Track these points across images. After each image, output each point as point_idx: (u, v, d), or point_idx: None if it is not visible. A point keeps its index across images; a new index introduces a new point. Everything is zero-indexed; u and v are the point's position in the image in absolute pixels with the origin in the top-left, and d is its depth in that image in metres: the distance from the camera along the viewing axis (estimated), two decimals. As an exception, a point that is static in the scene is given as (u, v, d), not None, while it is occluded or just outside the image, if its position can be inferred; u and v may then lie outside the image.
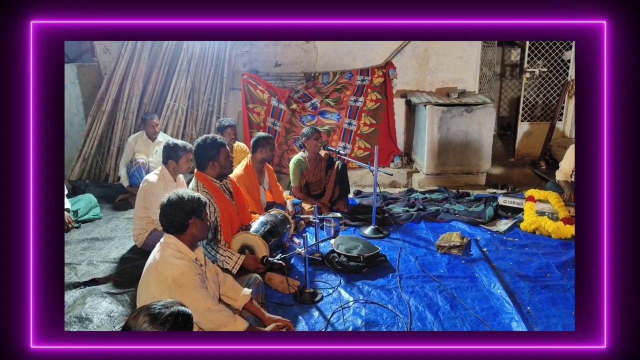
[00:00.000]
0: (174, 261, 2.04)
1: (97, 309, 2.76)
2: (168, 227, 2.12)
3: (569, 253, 3.49)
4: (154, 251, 2.16)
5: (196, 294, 2.03)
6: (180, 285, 2.00)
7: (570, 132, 5.97)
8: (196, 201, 2.15)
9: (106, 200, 4.74)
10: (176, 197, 2.12)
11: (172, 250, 2.09)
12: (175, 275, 2.00)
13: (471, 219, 4.13)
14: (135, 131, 5.15)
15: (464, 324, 2.66)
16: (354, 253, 3.29)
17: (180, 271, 2.01)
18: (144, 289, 2.06)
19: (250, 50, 5.69)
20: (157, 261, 2.06)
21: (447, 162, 5.22)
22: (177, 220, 2.10)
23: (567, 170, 4.32)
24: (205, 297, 2.06)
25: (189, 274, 2.03)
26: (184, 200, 2.12)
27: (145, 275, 2.09)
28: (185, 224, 2.11)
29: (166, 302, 1.58)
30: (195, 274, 2.06)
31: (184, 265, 2.04)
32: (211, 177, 3.01)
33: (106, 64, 5.54)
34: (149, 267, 2.10)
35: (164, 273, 2.01)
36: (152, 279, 2.03)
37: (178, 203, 2.10)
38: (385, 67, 5.61)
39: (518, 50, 6.83)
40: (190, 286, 2.02)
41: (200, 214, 2.15)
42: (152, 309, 1.53)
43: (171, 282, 1.99)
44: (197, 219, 2.14)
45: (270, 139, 3.85)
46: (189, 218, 2.12)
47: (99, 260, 3.38)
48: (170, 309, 1.54)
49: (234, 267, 2.81)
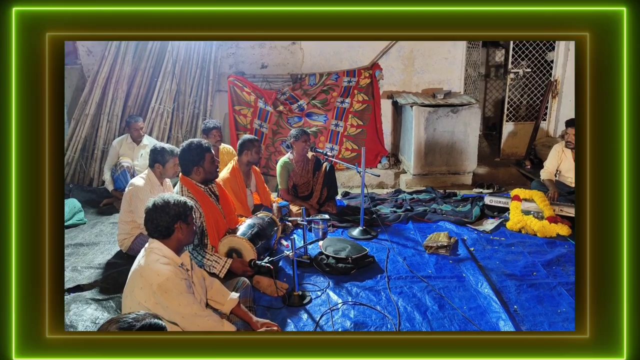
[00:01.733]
0: (159, 267, 2.01)
1: (81, 316, 2.71)
2: (153, 231, 2.09)
3: (554, 251, 3.54)
4: (138, 256, 2.13)
5: (182, 300, 2.01)
6: (166, 291, 1.97)
7: (555, 131, 6.06)
8: (182, 205, 2.13)
9: (90, 205, 4.67)
10: (162, 201, 2.10)
11: (157, 255, 2.06)
12: (161, 282, 1.97)
13: (458, 219, 4.16)
14: (119, 134, 5.09)
15: (452, 323, 2.67)
16: (342, 255, 3.28)
17: (165, 277, 1.98)
18: (129, 295, 2.03)
19: (236, 52, 5.66)
20: (142, 267, 2.03)
21: (434, 163, 5.26)
22: (163, 224, 2.07)
23: (552, 169, 4.38)
24: (191, 302, 2.04)
25: (174, 279, 2.00)
26: (170, 204, 2.09)
27: (130, 281, 2.06)
28: (171, 229, 2.09)
29: (137, 315, 1.51)
30: (181, 279, 2.04)
31: (170, 270, 2.02)
32: (196, 181, 2.98)
33: (89, 66, 5.46)
34: (134, 272, 2.06)
35: (149, 279, 1.98)
36: (137, 285, 2.00)
37: (164, 207, 2.08)
38: (371, 68, 5.62)
39: (502, 51, 6.91)
40: (176, 292, 2.00)
41: (186, 219, 2.13)
42: (123, 322, 1.46)
43: (156, 288, 1.96)
44: (184, 224, 2.12)
45: (256, 142, 3.83)
46: (175, 222, 2.09)
47: (83, 266, 3.33)
48: (142, 322, 1.47)
49: (221, 271, 2.79)
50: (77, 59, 5.59)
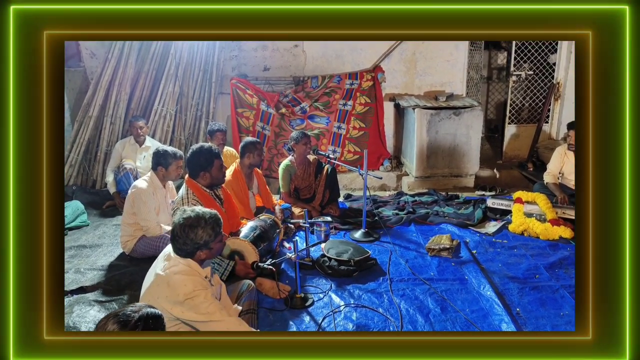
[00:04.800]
0: (184, 278, 2.01)
1: (84, 317, 2.72)
2: (177, 250, 2.08)
3: (557, 254, 3.53)
4: (159, 260, 2.12)
5: (210, 307, 2.02)
6: (193, 300, 1.98)
7: (557, 134, 6.05)
8: (208, 234, 2.07)
9: (93, 207, 4.69)
10: (190, 223, 2.04)
11: (182, 265, 2.05)
12: (188, 291, 1.98)
13: (460, 221, 4.15)
14: (122, 136, 5.11)
15: (455, 326, 2.67)
16: (345, 257, 3.28)
17: (192, 287, 1.99)
18: (153, 301, 2.01)
19: (239, 55, 5.67)
20: (168, 276, 2.02)
21: (436, 165, 5.25)
22: (187, 249, 2.05)
23: (555, 172, 4.37)
24: (218, 309, 2.05)
25: (200, 290, 2.01)
26: (197, 233, 2.04)
27: (155, 288, 2.03)
28: (194, 253, 2.08)
29: (134, 306, 1.55)
30: (206, 288, 2.05)
31: (195, 281, 2.02)
32: (202, 185, 2.98)
33: (93, 68, 5.48)
34: (160, 279, 2.03)
35: (176, 289, 1.98)
36: (162, 294, 2.00)
37: (188, 234, 2.03)
38: (373, 70, 5.63)
39: (504, 53, 6.91)
40: (203, 300, 2.00)
41: (208, 245, 2.09)
42: (120, 315, 1.50)
43: (183, 297, 1.97)
44: (206, 250, 2.10)
45: (258, 144, 3.84)
46: (199, 249, 2.07)
47: (86, 268, 3.34)
48: (139, 313, 1.50)
49: (223, 274, 2.80)
50: (80, 61, 5.61)
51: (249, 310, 2.42)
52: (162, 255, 2.15)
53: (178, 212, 2.11)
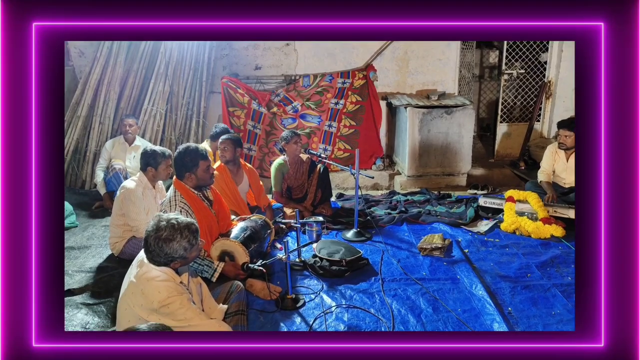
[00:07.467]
0: (159, 284, 1.96)
1: (72, 321, 2.68)
2: (150, 259, 2.03)
3: (548, 253, 3.54)
4: (133, 266, 2.07)
5: (187, 313, 1.98)
6: (169, 307, 1.95)
7: (549, 132, 6.07)
8: (184, 247, 2.01)
9: (82, 208, 4.62)
10: (164, 236, 1.98)
11: (156, 271, 2.01)
12: (162, 299, 1.94)
13: (452, 220, 4.15)
14: (112, 136, 5.05)
15: (447, 326, 2.66)
16: (336, 257, 3.26)
17: (167, 294, 1.95)
18: (129, 309, 1.98)
19: (230, 54, 5.63)
20: (142, 283, 1.97)
21: (428, 164, 5.25)
22: (160, 260, 2.01)
23: (549, 170, 4.37)
24: (196, 314, 2.02)
25: (175, 296, 1.97)
26: (172, 247, 1.98)
27: (130, 296, 1.99)
28: (168, 264, 2.03)
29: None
30: (181, 294, 2.00)
31: (169, 287, 1.97)
32: (189, 186, 2.93)
33: (81, 67, 5.42)
34: (133, 286, 1.99)
35: (150, 297, 1.94)
36: (136, 303, 1.96)
37: (163, 248, 1.98)
38: (365, 69, 5.61)
39: (496, 52, 6.93)
40: (179, 306, 1.97)
41: (184, 257, 2.04)
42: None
43: (157, 305, 1.93)
44: (182, 260, 2.05)
45: (231, 139, 3.73)
46: (172, 261, 2.02)
47: (74, 270, 3.29)
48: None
49: (213, 276, 2.76)
50: (69, 60, 5.54)
51: (237, 311, 2.38)
52: (135, 262, 2.10)
53: (152, 220, 2.03)
